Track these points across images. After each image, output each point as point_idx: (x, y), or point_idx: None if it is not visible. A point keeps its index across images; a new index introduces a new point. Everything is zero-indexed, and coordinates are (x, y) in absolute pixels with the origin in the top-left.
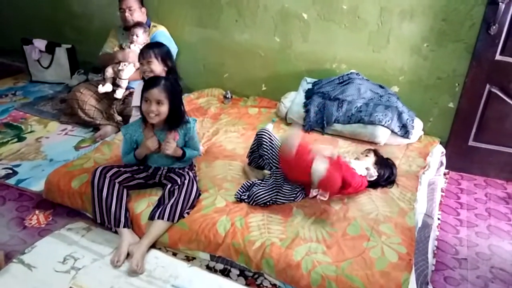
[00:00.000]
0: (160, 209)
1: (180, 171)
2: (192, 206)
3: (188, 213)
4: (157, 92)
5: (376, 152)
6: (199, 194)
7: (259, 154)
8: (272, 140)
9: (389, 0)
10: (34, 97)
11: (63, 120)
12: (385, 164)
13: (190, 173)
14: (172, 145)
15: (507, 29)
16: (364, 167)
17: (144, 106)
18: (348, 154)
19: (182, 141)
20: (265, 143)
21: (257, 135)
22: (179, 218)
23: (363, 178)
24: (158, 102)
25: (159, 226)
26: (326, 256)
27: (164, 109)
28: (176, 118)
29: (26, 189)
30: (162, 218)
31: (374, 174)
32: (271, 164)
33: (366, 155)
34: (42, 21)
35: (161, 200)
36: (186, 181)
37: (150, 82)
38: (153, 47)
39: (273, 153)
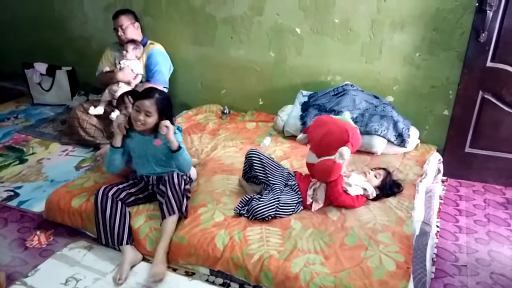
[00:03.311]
0: (161, 211)
1: None
2: (186, 196)
3: (186, 212)
4: (147, 104)
5: (386, 177)
6: (186, 180)
7: (252, 175)
8: (262, 159)
9: (380, 12)
10: (35, 119)
11: (64, 141)
12: (387, 190)
13: (176, 172)
14: (170, 128)
15: (496, 36)
16: (362, 186)
17: (133, 113)
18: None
19: (165, 146)
20: (256, 164)
21: (246, 157)
22: (179, 208)
23: (358, 197)
24: (147, 114)
25: (165, 224)
26: (324, 267)
27: (151, 120)
28: None
29: (27, 210)
30: (165, 217)
31: (372, 196)
32: (266, 183)
33: (375, 176)
34: (42, 45)
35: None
36: (168, 176)
37: (143, 94)
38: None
39: (266, 172)
